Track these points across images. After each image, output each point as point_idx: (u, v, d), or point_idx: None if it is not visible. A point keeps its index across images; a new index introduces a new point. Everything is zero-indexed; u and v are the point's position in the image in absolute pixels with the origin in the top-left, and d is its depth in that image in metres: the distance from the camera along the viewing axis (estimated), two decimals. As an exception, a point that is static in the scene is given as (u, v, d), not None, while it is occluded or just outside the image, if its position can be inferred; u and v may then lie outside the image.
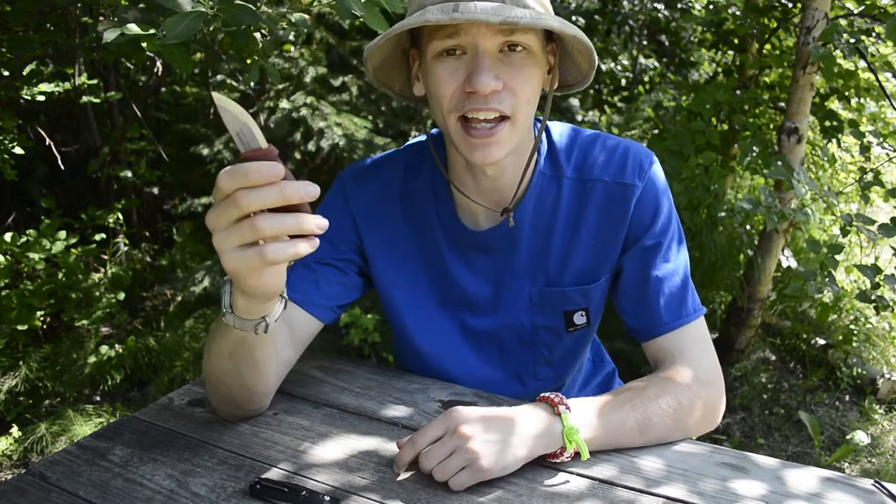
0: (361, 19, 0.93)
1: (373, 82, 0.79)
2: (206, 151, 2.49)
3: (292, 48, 2.44)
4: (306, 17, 1.03)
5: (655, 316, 0.78)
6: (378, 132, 2.44)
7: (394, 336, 0.94)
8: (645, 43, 3.57)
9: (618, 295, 0.83)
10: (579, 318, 0.85)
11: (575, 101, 3.10)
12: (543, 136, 0.81)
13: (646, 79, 3.68)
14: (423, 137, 0.87)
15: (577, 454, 0.67)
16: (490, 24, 0.64)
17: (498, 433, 0.64)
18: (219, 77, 2.56)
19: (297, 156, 2.53)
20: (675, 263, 0.79)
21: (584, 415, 0.69)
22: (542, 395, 0.70)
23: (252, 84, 2.49)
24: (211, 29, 0.91)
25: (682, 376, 0.75)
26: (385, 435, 0.74)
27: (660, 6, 3.32)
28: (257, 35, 1.03)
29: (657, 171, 0.80)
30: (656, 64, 3.64)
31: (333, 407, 0.81)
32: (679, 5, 3.18)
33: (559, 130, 0.83)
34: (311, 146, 2.28)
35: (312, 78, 2.39)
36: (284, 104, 2.31)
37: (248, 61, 1.97)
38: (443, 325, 0.87)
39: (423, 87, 0.75)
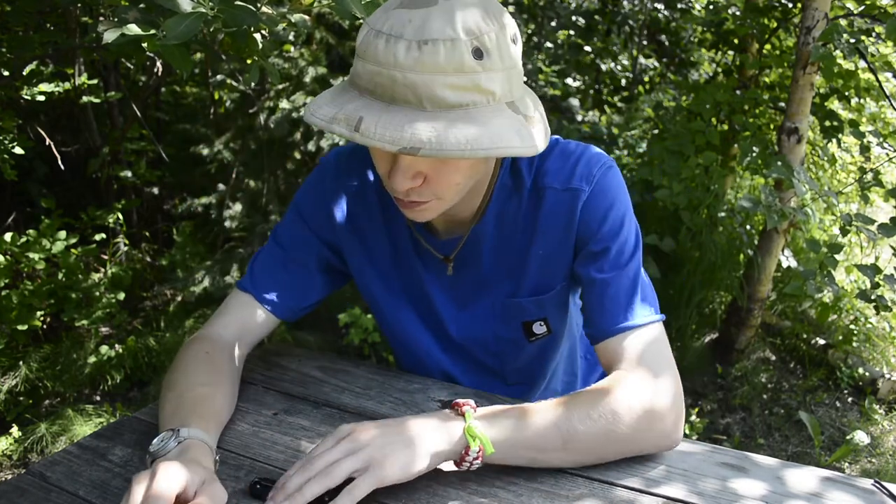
0: (361, 20, 0.93)
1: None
2: (206, 151, 2.49)
3: (292, 48, 2.44)
4: (306, 17, 1.03)
5: (600, 320, 0.75)
6: (378, 132, 2.43)
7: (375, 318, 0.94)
8: (645, 43, 3.57)
9: (574, 301, 0.83)
10: (538, 328, 0.84)
11: (575, 101, 3.10)
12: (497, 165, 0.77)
13: (646, 79, 3.68)
14: None
15: (487, 454, 0.63)
16: None
17: (395, 435, 0.61)
18: (219, 77, 2.56)
19: (297, 156, 2.53)
20: (625, 269, 0.75)
21: (492, 412, 0.65)
22: (454, 401, 0.68)
23: (252, 84, 2.49)
24: (211, 29, 0.91)
25: (621, 384, 0.69)
26: (385, 435, 0.74)
27: (660, 6, 3.32)
28: (257, 35, 1.03)
29: (610, 175, 0.76)
30: (656, 64, 3.63)
31: (333, 407, 0.81)
32: (679, 5, 3.18)
33: None
34: (311, 146, 2.28)
35: (312, 78, 2.39)
36: (284, 104, 2.32)
37: (248, 61, 1.97)
38: (416, 327, 0.87)
39: None
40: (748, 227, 2.52)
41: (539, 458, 0.66)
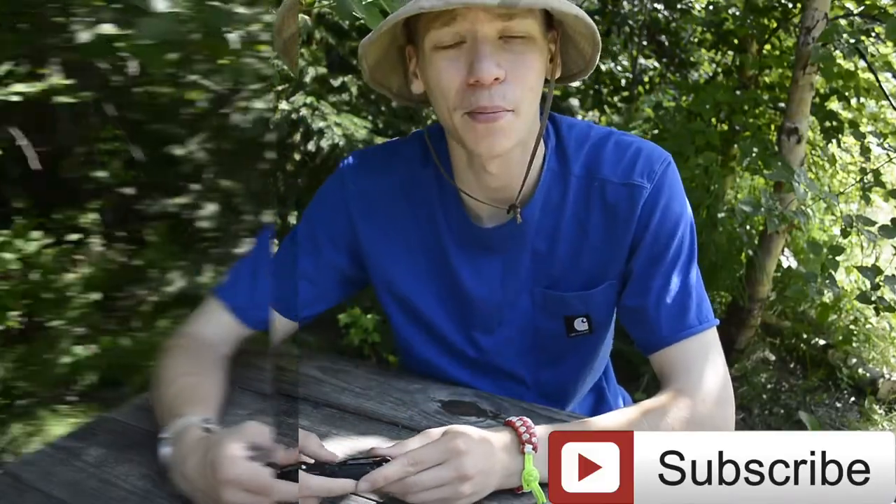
0: (362, 20, 0.89)
1: (369, 82, 0.76)
2: (179, 151, 2.45)
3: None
4: (307, 17, 0.99)
5: (655, 328, 0.74)
6: (378, 132, 2.43)
7: (392, 327, 0.89)
8: (645, 43, 3.57)
9: (620, 303, 0.80)
10: (580, 325, 0.82)
11: (575, 101, 3.08)
12: (549, 129, 0.77)
13: (646, 79, 3.67)
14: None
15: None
16: (488, 10, 0.62)
17: (482, 469, 0.60)
18: (192, 77, 2.50)
19: (297, 156, 2.50)
20: (681, 273, 0.75)
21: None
22: (509, 420, 0.65)
23: (231, 85, 2.45)
24: (186, 29, 0.87)
25: (681, 400, 0.70)
26: (385, 435, 0.73)
27: (660, 6, 3.32)
28: (233, 36, 0.98)
29: (670, 173, 0.75)
30: (656, 64, 3.63)
31: (333, 407, 0.80)
32: (679, 5, 3.18)
33: (571, 124, 0.80)
34: (311, 146, 2.27)
35: (312, 78, 2.37)
36: (284, 105, 2.29)
37: (222, 61, 1.93)
38: (443, 322, 0.84)
39: (421, 85, 0.71)
40: (748, 227, 2.50)
41: None
